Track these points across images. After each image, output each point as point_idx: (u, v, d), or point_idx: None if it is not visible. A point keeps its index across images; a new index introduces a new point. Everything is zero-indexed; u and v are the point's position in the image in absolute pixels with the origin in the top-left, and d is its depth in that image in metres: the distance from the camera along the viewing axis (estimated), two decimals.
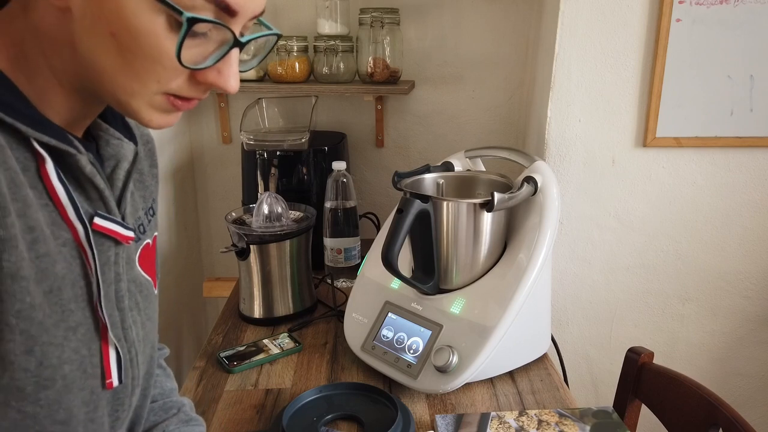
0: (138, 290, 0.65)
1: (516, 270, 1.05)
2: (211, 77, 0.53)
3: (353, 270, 1.44)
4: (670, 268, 1.50)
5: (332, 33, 1.54)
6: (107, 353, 0.59)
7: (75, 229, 0.55)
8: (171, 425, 0.79)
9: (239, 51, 0.54)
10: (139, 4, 0.48)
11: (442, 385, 1.01)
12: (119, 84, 0.52)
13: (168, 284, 1.67)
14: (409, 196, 1.03)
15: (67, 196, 0.54)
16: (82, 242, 0.55)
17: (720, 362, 1.59)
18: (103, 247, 0.59)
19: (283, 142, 1.48)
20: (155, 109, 0.54)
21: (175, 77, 0.52)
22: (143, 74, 0.51)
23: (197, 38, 0.51)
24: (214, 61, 0.52)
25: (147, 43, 0.49)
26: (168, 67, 0.51)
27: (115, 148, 0.62)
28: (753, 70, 1.33)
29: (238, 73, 0.55)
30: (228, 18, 0.51)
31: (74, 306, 0.55)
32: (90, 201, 0.58)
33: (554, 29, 1.34)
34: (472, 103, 1.70)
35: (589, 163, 1.42)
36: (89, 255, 0.56)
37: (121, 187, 0.61)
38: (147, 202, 0.71)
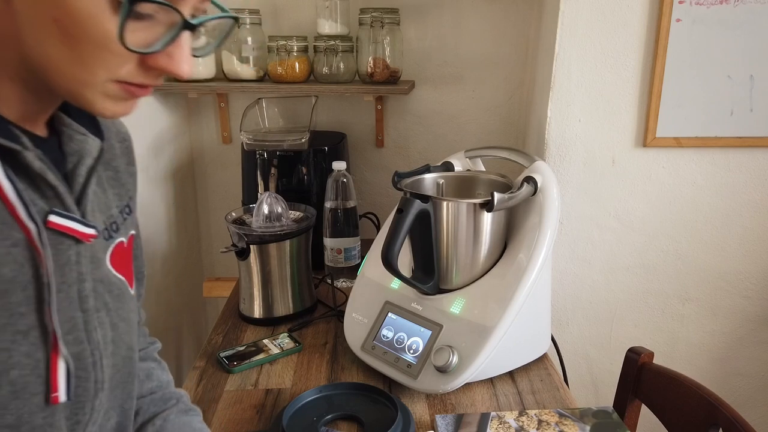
0: (107, 290, 0.63)
1: (516, 270, 1.05)
2: (162, 62, 0.51)
3: (353, 270, 1.44)
4: (670, 268, 1.50)
5: (332, 33, 1.54)
6: (55, 363, 0.56)
7: (27, 229, 0.52)
8: (171, 415, 0.79)
9: (191, 34, 0.52)
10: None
11: (442, 385, 1.01)
12: (68, 74, 0.50)
13: (168, 284, 1.67)
14: (409, 196, 1.03)
15: (15, 195, 0.52)
16: (35, 243, 0.53)
17: (720, 362, 1.59)
18: (62, 246, 0.56)
19: (283, 142, 1.48)
20: (109, 98, 0.52)
21: (124, 63, 0.50)
22: (90, 61, 0.49)
23: (143, 20, 0.49)
24: (163, 45, 0.50)
25: (91, 28, 0.47)
26: (115, 52, 0.48)
27: (79, 143, 0.60)
28: (753, 70, 1.34)
29: (191, 58, 0.53)
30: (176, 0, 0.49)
31: (25, 309, 0.53)
32: (45, 199, 0.55)
33: (554, 29, 1.34)
34: (472, 103, 1.70)
35: (589, 163, 1.42)
36: (43, 257, 0.53)
37: (82, 183, 0.59)
38: (122, 200, 0.69)
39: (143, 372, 0.82)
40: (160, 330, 1.59)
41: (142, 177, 1.63)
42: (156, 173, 1.60)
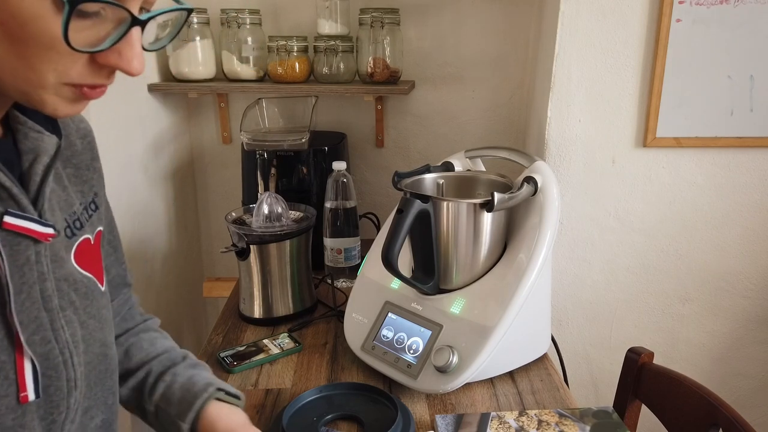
0: (72, 288, 0.63)
1: (516, 270, 1.05)
2: (112, 59, 0.50)
3: (353, 270, 1.44)
4: (670, 268, 1.50)
5: (332, 33, 1.54)
6: (21, 363, 0.55)
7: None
8: (179, 369, 0.81)
9: (141, 30, 0.50)
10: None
11: (442, 385, 1.01)
12: (16, 76, 0.49)
13: (168, 284, 1.67)
14: (409, 196, 1.03)
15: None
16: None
17: (720, 362, 1.59)
18: (19, 247, 0.56)
19: (283, 142, 1.48)
20: (61, 98, 0.51)
21: (73, 64, 0.49)
22: (38, 63, 0.48)
23: (88, 19, 0.47)
24: (112, 43, 0.48)
25: (35, 29, 0.46)
26: (62, 52, 0.47)
27: (34, 141, 0.59)
28: (753, 70, 1.33)
29: (142, 54, 0.51)
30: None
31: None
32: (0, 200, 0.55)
33: (554, 29, 1.34)
34: (472, 103, 1.70)
35: (589, 163, 1.42)
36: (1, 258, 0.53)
37: (39, 182, 0.58)
38: (86, 197, 0.69)
39: (147, 341, 0.84)
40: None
41: (142, 177, 1.63)
42: (156, 173, 1.60)
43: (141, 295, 1.48)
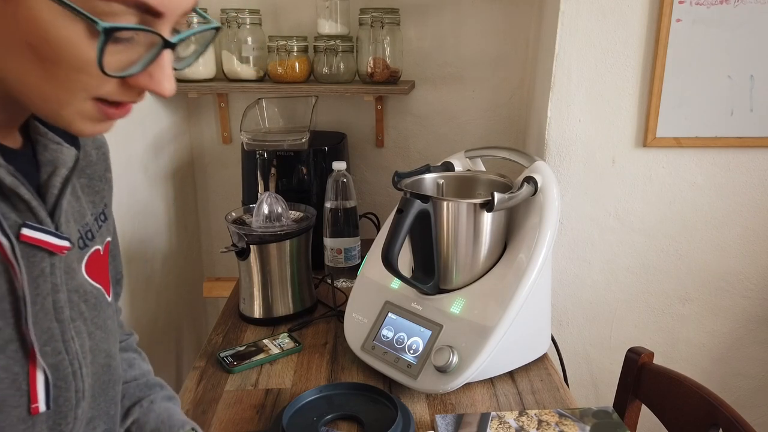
0: (82, 299, 0.63)
1: (516, 270, 1.05)
2: (143, 81, 0.50)
3: (353, 270, 1.44)
4: (670, 268, 1.50)
5: (332, 33, 1.54)
6: (33, 375, 0.56)
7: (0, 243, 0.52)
8: (157, 399, 0.81)
9: (172, 52, 0.50)
10: (54, 13, 0.45)
11: (442, 385, 1.01)
12: (45, 94, 0.49)
13: (168, 284, 1.67)
14: (409, 196, 1.03)
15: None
16: (8, 257, 0.53)
17: (720, 362, 1.59)
18: (35, 258, 0.56)
19: (283, 142, 1.48)
20: (87, 119, 0.51)
21: (104, 84, 0.49)
22: (68, 84, 0.48)
23: (121, 44, 0.47)
24: (143, 66, 0.49)
25: (68, 53, 0.46)
26: (94, 75, 0.47)
27: (53, 153, 0.59)
28: (753, 70, 1.33)
29: (172, 75, 0.52)
30: (153, 20, 0.48)
31: (2, 323, 0.53)
32: (18, 212, 0.55)
33: (554, 29, 1.34)
34: (472, 103, 1.70)
35: (589, 163, 1.42)
36: (17, 270, 0.53)
37: (56, 194, 0.58)
38: (97, 207, 0.69)
39: (125, 362, 0.83)
40: (160, 330, 1.59)
41: (142, 177, 1.63)
42: (156, 173, 1.60)
43: (141, 295, 1.49)
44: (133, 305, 1.45)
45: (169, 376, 1.66)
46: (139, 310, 1.48)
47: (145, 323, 1.50)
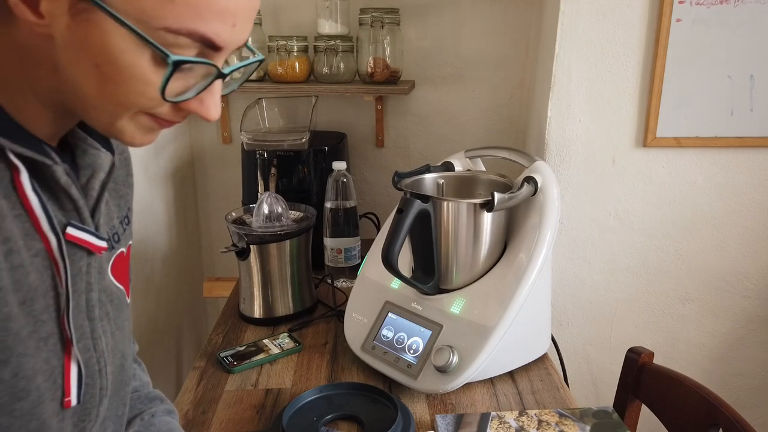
0: (109, 300, 0.65)
1: (516, 270, 1.05)
2: (194, 106, 0.54)
3: (353, 270, 1.44)
4: (670, 268, 1.50)
5: (332, 33, 1.54)
6: (68, 369, 0.58)
7: (48, 240, 0.54)
8: (158, 413, 0.81)
9: (222, 81, 0.55)
10: (125, 41, 0.48)
11: (442, 385, 1.01)
12: (102, 108, 0.52)
13: (168, 284, 1.66)
14: (409, 196, 1.03)
15: (40, 207, 0.53)
16: (54, 253, 0.55)
17: (720, 362, 1.59)
18: (75, 257, 0.58)
19: (283, 142, 1.48)
20: (138, 128, 0.55)
21: (158, 105, 0.53)
22: (125, 101, 0.52)
23: (181, 73, 0.51)
24: (197, 93, 0.53)
25: (131, 77, 0.50)
26: (151, 97, 0.51)
27: (92, 157, 0.62)
28: (753, 70, 1.33)
29: (220, 102, 0.56)
30: (211, 52, 0.52)
31: (46, 317, 0.55)
32: (64, 211, 0.57)
33: (554, 29, 1.34)
34: (472, 103, 1.70)
35: (589, 163, 1.42)
36: (60, 266, 0.55)
37: (95, 197, 0.61)
38: (122, 211, 0.71)
39: None
40: (160, 330, 1.59)
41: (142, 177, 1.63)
42: (156, 173, 1.60)
43: (141, 295, 1.49)
44: (133, 305, 1.44)
45: (169, 376, 1.66)
46: (139, 310, 1.48)
47: (145, 323, 1.50)
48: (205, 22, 0.50)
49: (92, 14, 0.48)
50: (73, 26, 0.48)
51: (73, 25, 0.48)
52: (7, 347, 0.51)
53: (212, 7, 0.50)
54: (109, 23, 0.48)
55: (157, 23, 0.48)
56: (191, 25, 0.49)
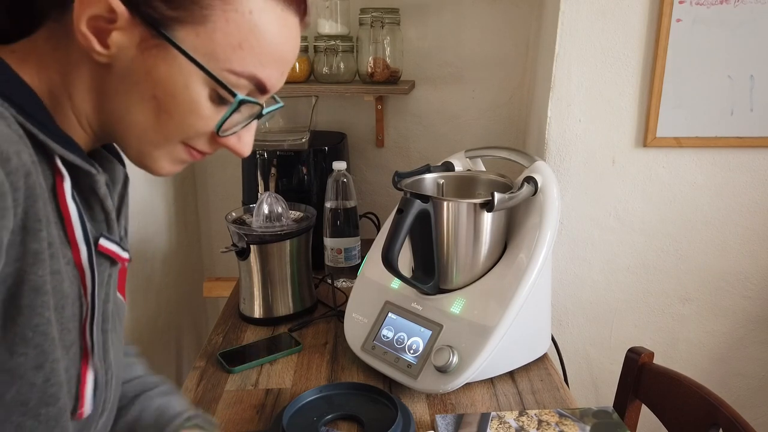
0: (116, 312, 0.65)
1: (516, 270, 1.05)
2: (231, 142, 0.59)
3: (353, 270, 1.44)
4: (670, 268, 1.50)
5: (332, 33, 1.54)
6: (85, 380, 0.58)
7: (78, 249, 0.55)
8: (154, 393, 0.79)
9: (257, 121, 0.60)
10: (191, 78, 0.52)
11: (442, 385, 1.01)
12: (146, 137, 0.55)
13: (168, 284, 1.66)
14: (410, 196, 1.03)
15: (78, 216, 0.54)
16: (82, 263, 0.55)
17: (720, 362, 1.59)
18: (101, 268, 0.59)
19: (283, 142, 1.48)
20: (171, 159, 0.58)
21: (201, 137, 0.57)
22: (173, 132, 0.55)
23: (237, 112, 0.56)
24: (239, 129, 0.58)
25: (189, 111, 0.53)
26: (200, 131, 0.55)
27: (110, 171, 0.63)
28: (753, 70, 1.33)
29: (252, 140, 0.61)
30: (259, 94, 0.57)
31: (71, 325, 0.55)
32: (95, 222, 0.58)
33: (554, 29, 1.34)
34: (472, 103, 1.70)
35: (589, 163, 1.42)
36: (87, 276, 0.56)
37: (116, 209, 0.62)
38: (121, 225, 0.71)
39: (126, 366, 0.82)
40: (160, 330, 1.59)
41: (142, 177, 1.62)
42: None
43: (141, 296, 1.49)
44: (133, 305, 1.45)
45: (169, 376, 1.66)
46: (140, 310, 1.48)
47: (145, 323, 1.50)
48: (264, 68, 0.55)
49: (162, 50, 0.51)
50: (140, 59, 0.51)
51: (139, 58, 0.51)
52: (43, 351, 0.51)
53: (274, 56, 0.55)
54: (179, 60, 0.51)
55: (224, 65, 0.53)
56: (252, 70, 0.54)
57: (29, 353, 0.50)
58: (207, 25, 0.51)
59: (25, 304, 0.49)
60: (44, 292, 0.50)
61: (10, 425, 0.51)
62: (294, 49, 0.58)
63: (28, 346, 0.50)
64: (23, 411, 0.51)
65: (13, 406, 0.51)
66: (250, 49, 0.53)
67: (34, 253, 0.49)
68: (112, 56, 0.51)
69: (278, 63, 0.56)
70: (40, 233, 0.49)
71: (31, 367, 0.51)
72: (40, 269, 0.50)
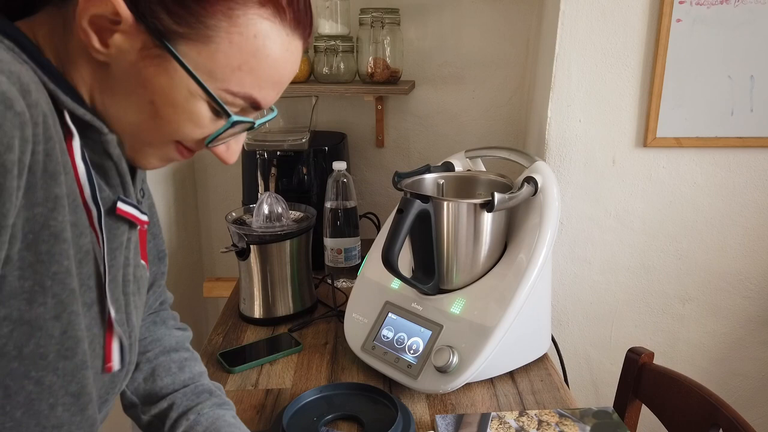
0: (138, 276, 0.66)
1: (516, 270, 1.05)
2: (220, 150, 0.60)
3: (353, 270, 1.44)
4: (670, 268, 1.50)
5: (332, 33, 1.54)
6: (110, 339, 0.59)
7: (90, 211, 0.55)
8: (205, 408, 0.76)
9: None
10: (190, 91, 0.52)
11: (443, 385, 1.01)
12: (140, 136, 0.56)
13: (168, 284, 1.66)
14: (410, 196, 1.03)
15: (87, 177, 0.54)
16: (95, 225, 0.55)
17: (720, 362, 1.59)
18: (118, 231, 0.59)
19: (284, 142, 1.48)
20: (160, 157, 0.59)
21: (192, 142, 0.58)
22: (168, 135, 0.56)
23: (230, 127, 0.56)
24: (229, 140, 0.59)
25: (187, 120, 0.54)
26: (196, 137, 0.56)
27: None
28: (753, 70, 1.33)
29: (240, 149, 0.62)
30: (252, 111, 0.57)
31: (91, 283, 0.56)
32: (111, 186, 0.58)
33: (554, 29, 1.34)
34: (472, 103, 1.70)
35: (589, 163, 1.42)
36: (100, 239, 0.56)
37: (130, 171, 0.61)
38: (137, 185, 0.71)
39: (176, 364, 0.80)
40: None
41: None
42: (156, 173, 1.60)
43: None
44: None
45: None
46: None
47: None
48: (261, 89, 0.55)
49: (164, 61, 0.51)
50: (140, 65, 0.51)
51: (140, 64, 0.51)
52: (61, 302, 0.51)
53: (273, 78, 0.55)
54: (180, 74, 0.52)
55: (221, 84, 0.53)
56: (249, 91, 0.55)
57: (48, 302, 0.50)
58: (210, 45, 0.51)
59: (44, 250, 0.49)
60: (63, 239, 0.50)
61: (29, 381, 0.51)
62: (294, 70, 0.58)
63: (47, 295, 0.50)
64: (42, 365, 0.51)
65: (32, 359, 0.50)
66: (249, 72, 0.53)
67: (54, 198, 0.49)
68: (111, 56, 0.51)
69: (276, 85, 0.57)
70: (59, 177, 0.49)
71: (50, 318, 0.50)
72: (60, 215, 0.49)
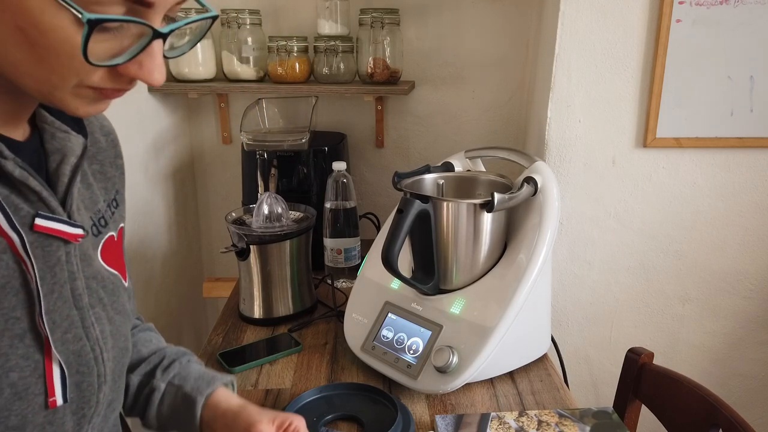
0: (101, 286, 0.64)
1: (516, 270, 1.05)
2: (133, 71, 0.49)
3: (353, 270, 1.44)
4: (670, 268, 1.50)
5: (332, 33, 1.54)
6: (50, 368, 0.56)
7: (9, 238, 0.52)
8: (193, 360, 0.85)
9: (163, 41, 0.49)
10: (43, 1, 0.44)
11: (442, 385, 1.01)
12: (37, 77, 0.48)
13: (168, 284, 1.67)
14: (409, 196, 1.03)
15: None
16: (19, 252, 0.53)
17: (720, 363, 1.59)
18: (51, 247, 0.56)
19: (283, 143, 1.48)
20: (82, 99, 0.51)
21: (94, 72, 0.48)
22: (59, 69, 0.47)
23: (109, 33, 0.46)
24: (131, 56, 0.48)
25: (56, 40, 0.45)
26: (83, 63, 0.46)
27: (61, 141, 0.59)
28: (753, 71, 1.33)
29: (163, 65, 0.51)
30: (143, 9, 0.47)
31: (19, 313, 0.53)
32: (30, 203, 0.55)
33: (554, 29, 1.34)
34: (472, 104, 1.70)
35: (589, 163, 1.42)
36: (29, 264, 0.53)
37: (67, 182, 0.58)
38: (109, 194, 0.69)
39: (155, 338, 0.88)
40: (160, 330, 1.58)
41: (141, 177, 1.63)
42: (156, 173, 1.60)
43: (141, 295, 1.49)
44: None
45: None
46: (139, 310, 1.47)
47: None
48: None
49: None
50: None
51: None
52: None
53: None
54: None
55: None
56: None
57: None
58: None
59: None
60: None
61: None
62: None
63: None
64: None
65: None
66: None
67: None
68: None
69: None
70: None
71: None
72: None
